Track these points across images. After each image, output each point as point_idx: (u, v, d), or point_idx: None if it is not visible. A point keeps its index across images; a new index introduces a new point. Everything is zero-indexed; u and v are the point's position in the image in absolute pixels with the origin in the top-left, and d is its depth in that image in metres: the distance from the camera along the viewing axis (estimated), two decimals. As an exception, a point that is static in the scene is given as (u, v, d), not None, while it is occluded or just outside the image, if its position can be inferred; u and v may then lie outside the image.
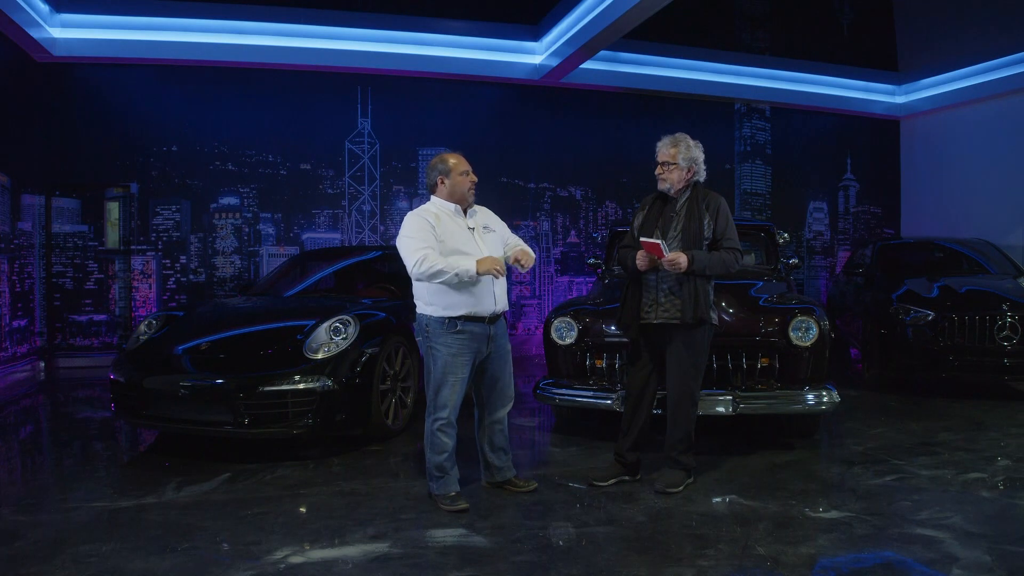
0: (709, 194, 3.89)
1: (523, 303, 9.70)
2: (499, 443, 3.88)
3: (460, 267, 3.50)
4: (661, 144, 3.88)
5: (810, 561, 3.00)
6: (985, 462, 4.37)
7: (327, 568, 2.95)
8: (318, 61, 8.60)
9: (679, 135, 3.88)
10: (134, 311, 8.51)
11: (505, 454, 3.91)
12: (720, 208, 3.84)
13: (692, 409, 3.84)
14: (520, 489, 3.88)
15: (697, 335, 3.78)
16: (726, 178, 10.57)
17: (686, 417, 3.83)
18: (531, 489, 3.89)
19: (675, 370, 3.81)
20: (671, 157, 3.82)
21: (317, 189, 9.02)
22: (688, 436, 3.85)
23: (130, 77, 8.44)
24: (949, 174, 10.67)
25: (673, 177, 3.84)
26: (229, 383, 4.36)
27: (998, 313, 6.03)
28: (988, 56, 9.84)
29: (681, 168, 3.82)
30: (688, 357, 3.78)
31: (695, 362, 3.80)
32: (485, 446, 3.88)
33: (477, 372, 3.75)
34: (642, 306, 3.83)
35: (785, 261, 6.31)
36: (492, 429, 3.85)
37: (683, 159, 3.82)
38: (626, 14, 7.12)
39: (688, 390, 3.80)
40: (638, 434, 3.97)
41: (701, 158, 3.88)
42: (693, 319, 3.71)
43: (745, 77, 10.35)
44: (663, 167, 3.85)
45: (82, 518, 3.52)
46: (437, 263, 3.48)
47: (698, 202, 3.84)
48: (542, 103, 9.67)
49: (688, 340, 3.77)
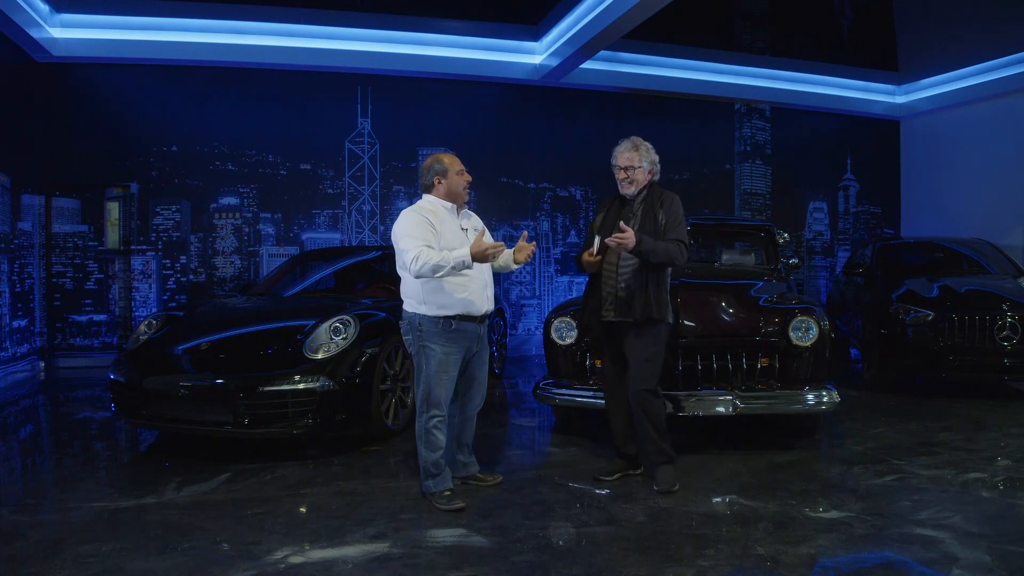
0: (664, 193, 3.98)
1: (523, 303, 9.70)
2: (466, 439, 3.98)
3: (456, 257, 3.51)
4: (620, 149, 3.96)
5: (810, 561, 3.00)
6: (985, 462, 4.37)
7: (327, 568, 2.95)
8: (318, 61, 8.61)
9: (635, 139, 3.98)
10: (134, 311, 8.51)
11: (469, 450, 4.03)
12: (673, 204, 3.93)
13: (657, 400, 3.88)
14: (486, 483, 3.97)
15: (652, 332, 3.84)
16: (726, 178, 10.56)
17: (654, 410, 3.87)
18: (497, 482, 3.98)
19: (632, 366, 3.88)
20: (635, 161, 3.91)
21: (317, 189, 9.03)
22: (662, 427, 3.90)
23: (130, 77, 8.45)
24: (949, 174, 10.67)
25: (639, 179, 3.94)
26: (229, 383, 4.36)
27: (998, 313, 6.03)
28: (988, 56, 9.85)
29: (644, 170, 3.94)
30: (642, 351, 3.83)
31: (649, 355, 3.84)
32: (453, 442, 3.92)
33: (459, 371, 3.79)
34: (603, 304, 3.91)
35: (785, 261, 6.31)
36: (463, 426, 3.94)
37: (646, 162, 3.93)
38: (626, 14, 7.13)
39: (645, 383, 3.84)
40: (627, 428, 4.05)
41: (657, 159, 4.01)
42: (642, 317, 3.78)
43: (745, 77, 10.35)
44: (627, 171, 3.93)
45: (82, 518, 3.52)
46: (433, 257, 3.49)
47: (654, 201, 3.93)
48: (542, 103, 9.67)
49: (641, 335, 3.83)
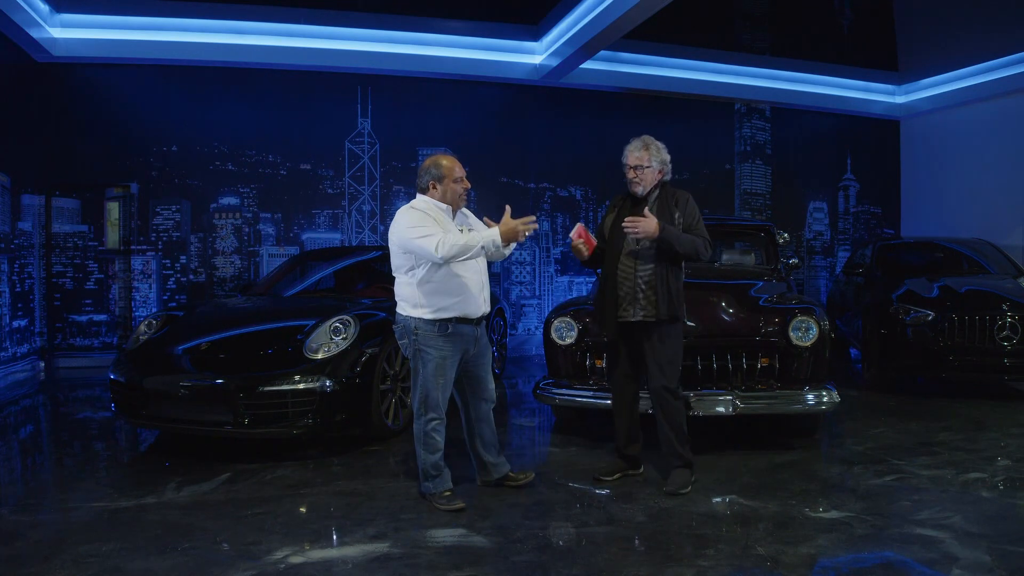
0: (678, 192, 3.96)
1: (523, 303, 9.70)
2: (489, 439, 3.90)
3: (485, 238, 3.45)
4: (631, 148, 3.93)
5: (810, 561, 3.00)
6: (985, 462, 4.37)
7: (327, 568, 2.95)
8: (318, 61, 8.61)
9: (646, 138, 3.95)
10: (134, 311, 8.51)
11: (496, 449, 3.95)
12: (689, 203, 3.92)
13: (677, 402, 3.87)
14: (518, 483, 3.91)
15: (671, 330, 3.84)
16: (726, 178, 10.56)
17: (673, 411, 3.86)
18: (529, 480, 3.93)
19: (654, 367, 3.85)
20: (644, 160, 3.89)
21: (317, 189, 9.02)
22: (680, 429, 3.88)
23: (130, 77, 8.44)
24: (949, 174, 10.67)
25: (648, 179, 3.91)
26: (229, 383, 4.36)
27: (998, 313, 6.03)
28: (988, 56, 9.84)
29: (654, 170, 3.91)
30: (663, 352, 3.83)
31: (670, 356, 3.84)
32: (477, 445, 3.89)
33: (461, 373, 3.76)
34: (620, 304, 3.87)
35: (785, 261, 6.31)
36: (480, 427, 3.88)
37: (656, 161, 3.90)
38: (626, 14, 7.13)
39: (668, 383, 3.83)
40: (629, 429, 4.05)
41: (668, 159, 3.97)
42: (667, 315, 3.77)
43: (745, 77, 10.35)
44: (636, 171, 3.91)
45: (82, 518, 3.52)
46: (458, 239, 3.42)
47: (668, 200, 3.91)
48: (542, 103, 9.67)
49: (662, 335, 3.82)
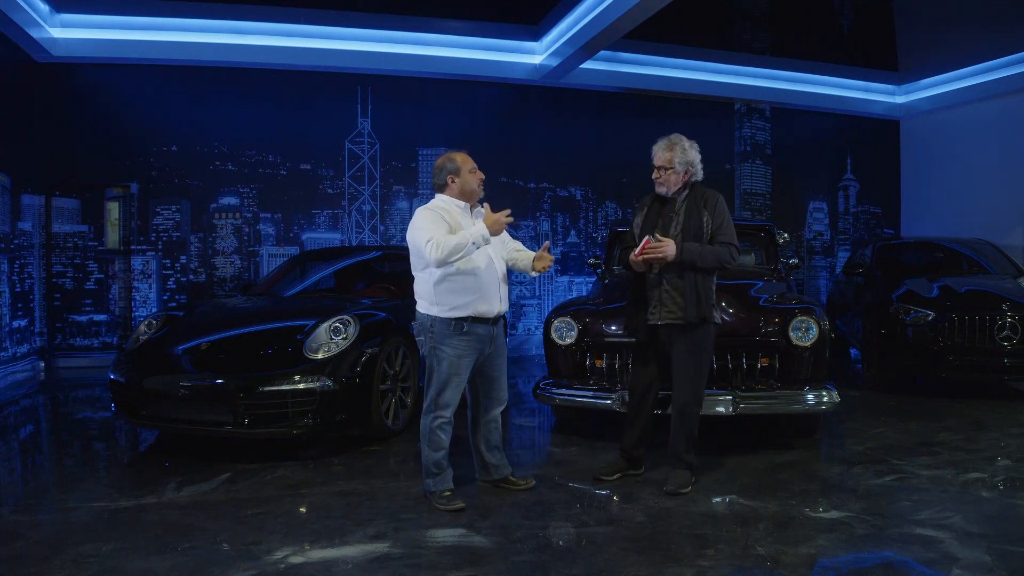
0: (707, 192, 3.90)
1: (523, 303, 9.70)
2: (494, 441, 3.91)
3: (473, 234, 3.50)
4: (657, 148, 3.87)
5: (810, 561, 3.00)
6: (985, 462, 4.37)
7: (327, 568, 2.95)
8: (318, 61, 8.60)
9: (674, 137, 3.87)
10: (134, 311, 8.51)
11: (500, 452, 3.94)
12: (718, 204, 3.85)
13: (697, 410, 3.86)
14: (518, 487, 3.90)
15: (700, 335, 3.79)
16: (726, 178, 10.56)
17: (692, 418, 3.85)
18: (529, 487, 3.90)
19: (680, 372, 3.82)
20: (667, 162, 3.83)
21: (317, 189, 9.02)
22: (692, 437, 3.88)
23: (130, 77, 8.44)
24: (949, 174, 10.67)
25: (671, 181, 3.85)
26: (229, 383, 4.36)
27: (998, 313, 6.03)
28: (988, 56, 9.84)
29: (678, 172, 3.84)
30: (692, 358, 3.79)
31: (699, 363, 3.81)
32: (481, 445, 3.89)
33: (475, 373, 3.76)
34: (648, 306, 3.84)
35: (785, 261, 6.30)
36: (488, 428, 3.87)
37: (679, 163, 3.82)
38: (626, 14, 7.12)
39: (694, 392, 3.82)
40: (642, 431, 4.02)
41: (697, 159, 3.88)
42: (695, 318, 3.73)
43: (745, 77, 10.35)
44: (660, 171, 3.86)
45: (82, 518, 3.52)
46: (450, 240, 3.47)
47: (697, 200, 3.85)
48: (542, 103, 9.67)
49: (691, 340, 3.78)
